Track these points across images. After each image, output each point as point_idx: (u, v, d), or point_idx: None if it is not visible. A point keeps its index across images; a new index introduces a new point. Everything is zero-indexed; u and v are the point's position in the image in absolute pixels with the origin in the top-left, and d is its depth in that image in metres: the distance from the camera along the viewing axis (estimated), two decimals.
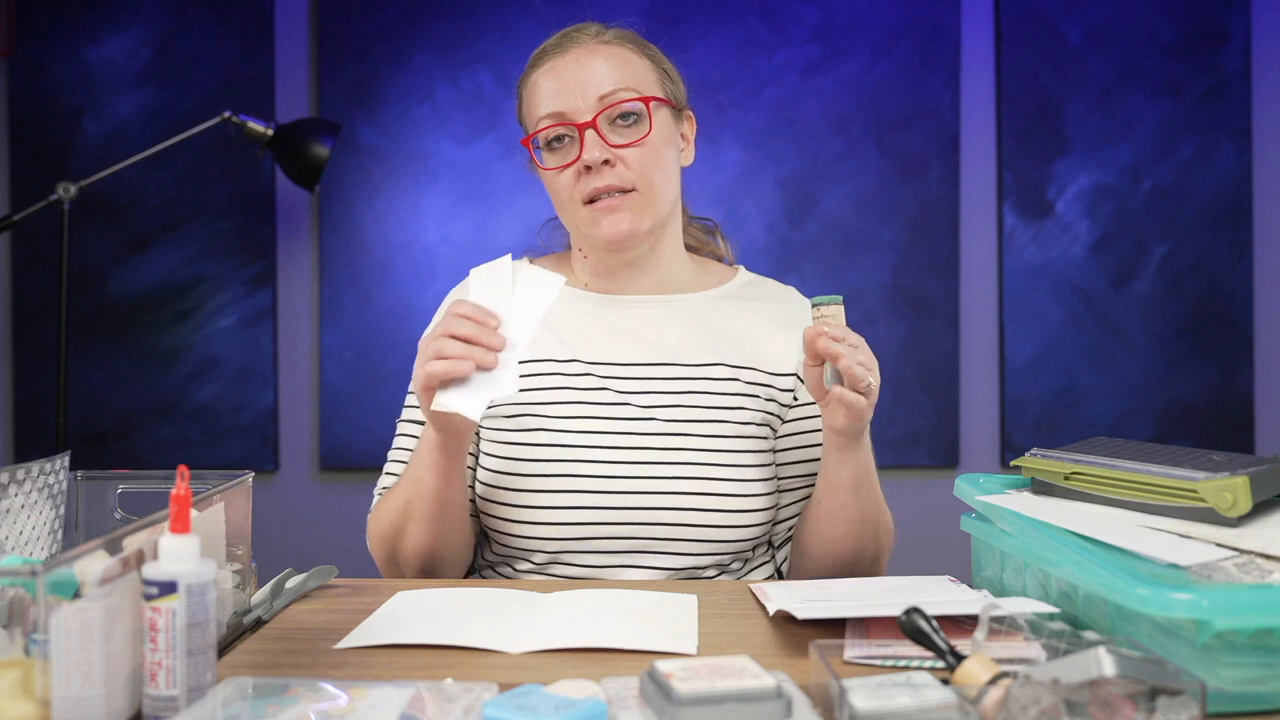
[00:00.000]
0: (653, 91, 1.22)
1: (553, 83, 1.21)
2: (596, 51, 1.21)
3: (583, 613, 0.96)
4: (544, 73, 1.23)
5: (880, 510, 1.21)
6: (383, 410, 1.21)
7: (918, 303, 2.69)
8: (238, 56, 2.64)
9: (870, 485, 1.18)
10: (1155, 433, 2.69)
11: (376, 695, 0.72)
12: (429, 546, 1.18)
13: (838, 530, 1.18)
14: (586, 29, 1.24)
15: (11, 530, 0.92)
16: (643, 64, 1.24)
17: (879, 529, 1.21)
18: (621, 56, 1.22)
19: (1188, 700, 0.64)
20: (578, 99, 1.19)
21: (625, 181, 1.19)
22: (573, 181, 1.21)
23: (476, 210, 2.65)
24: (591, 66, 1.20)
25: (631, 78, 1.21)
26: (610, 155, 1.19)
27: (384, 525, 1.20)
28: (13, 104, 2.63)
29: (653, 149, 1.21)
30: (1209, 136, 2.69)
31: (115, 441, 2.63)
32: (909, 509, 2.63)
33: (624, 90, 1.19)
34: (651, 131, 1.20)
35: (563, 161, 1.21)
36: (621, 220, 1.20)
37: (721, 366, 1.25)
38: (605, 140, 1.19)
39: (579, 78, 1.20)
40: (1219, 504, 0.90)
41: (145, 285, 2.64)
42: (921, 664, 0.80)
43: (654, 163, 1.21)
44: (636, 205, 1.21)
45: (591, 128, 1.18)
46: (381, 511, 1.21)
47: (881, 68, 2.68)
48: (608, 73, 1.20)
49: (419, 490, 1.15)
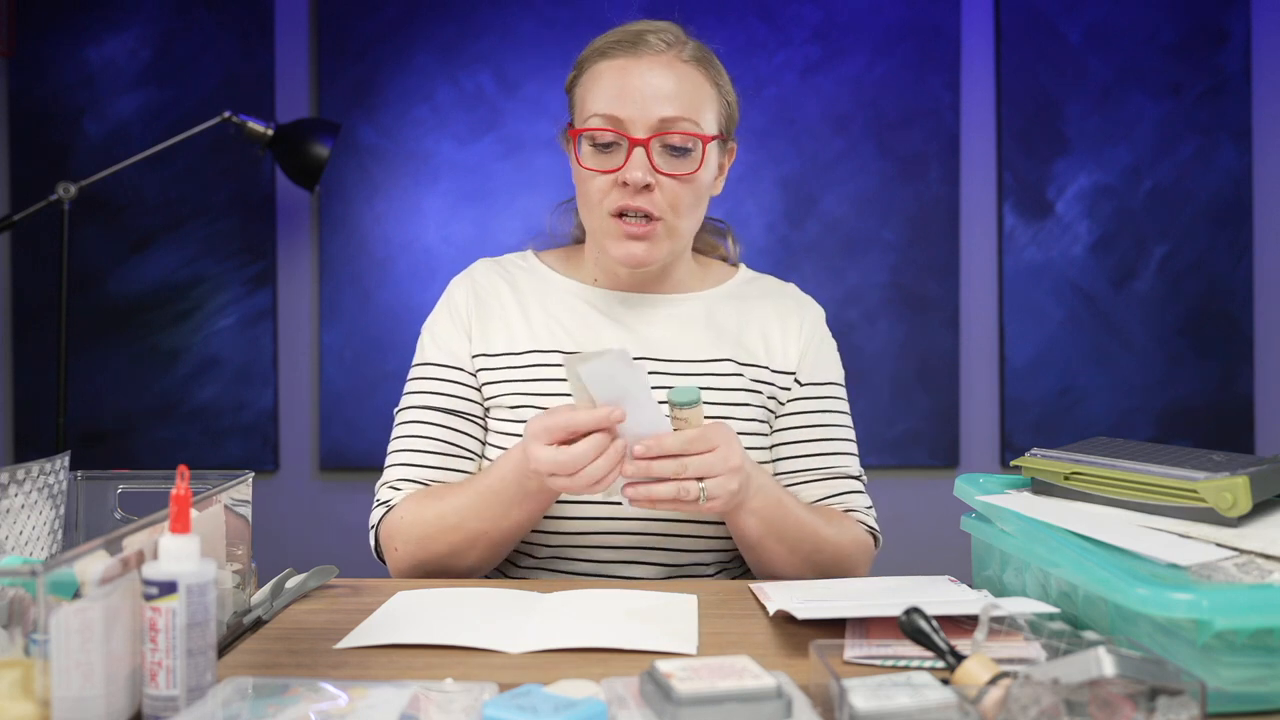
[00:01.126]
0: (711, 128, 1.20)
1: (619, 82, 1.18)
2: (673, 67, 1.18)
3: (583, 613, 0.96)
4: (613, 67, 1.19)
5: (818, 542, 1.16)
6: (383, 410, 1.21)
7: (918, 303, 2.69)
8: (238, 56, 2.64)
9: (784, 529, 1.14)
10: (1155, 433, 2.69)
11: (376, 695, 0.72)
12: (489, 563, 1.17)
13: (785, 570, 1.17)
14: (665, 34, 1.20)
15: (11, 530, 0.92)
16: (710, 93, 1.21)
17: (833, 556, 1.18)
18: (694, 81, 1.19)
19: (1188, 700, 0.64)
20: (638, 111, 1.16)
21: (657, 209, 1.18)
22: (607, 189, 1.19)
23: (476, 210, 2.65)
24: (661, 82, 1.17)
25: (695, 107, 1.18)
26: (653, 179, 1.17)
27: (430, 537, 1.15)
28: (13, 104, 2.63)
29: (694, 187, 1.20)
30: (1209, 136, 2.69)
31: (115, 441, 2.63)
32: (909, 509, 2.64)
33: (685, 121, 1.17)
34: (699, 170, 1.19)
35: (604, 166, 1.18)
36: (638, 248, 1.20)
37: (726, 363, 1.26)
38: (653, 164, 1.17)
39: (646, 89, 1.16)
40: (1219, 504, 0.90)
41: (145, 285, 2.64)
42: (921, 664, 0.80)
43: (690, 200, 1.20)
44: (659, 236, 1.20)
45: (643, 146, 1.16)
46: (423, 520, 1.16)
47: (881, 68, 2.68)
48: (676, 96, 1.17)
49: (497, 525, 1.13)
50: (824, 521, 1.18)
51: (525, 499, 1.11)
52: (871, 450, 2.65)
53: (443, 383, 1.26)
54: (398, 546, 1.18)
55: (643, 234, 1.19)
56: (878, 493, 1.44)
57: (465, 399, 1.25)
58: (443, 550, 1.16)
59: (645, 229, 1.19)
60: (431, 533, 1.16)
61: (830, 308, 1.42)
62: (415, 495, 1.20)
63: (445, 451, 1.23)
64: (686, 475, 0.99)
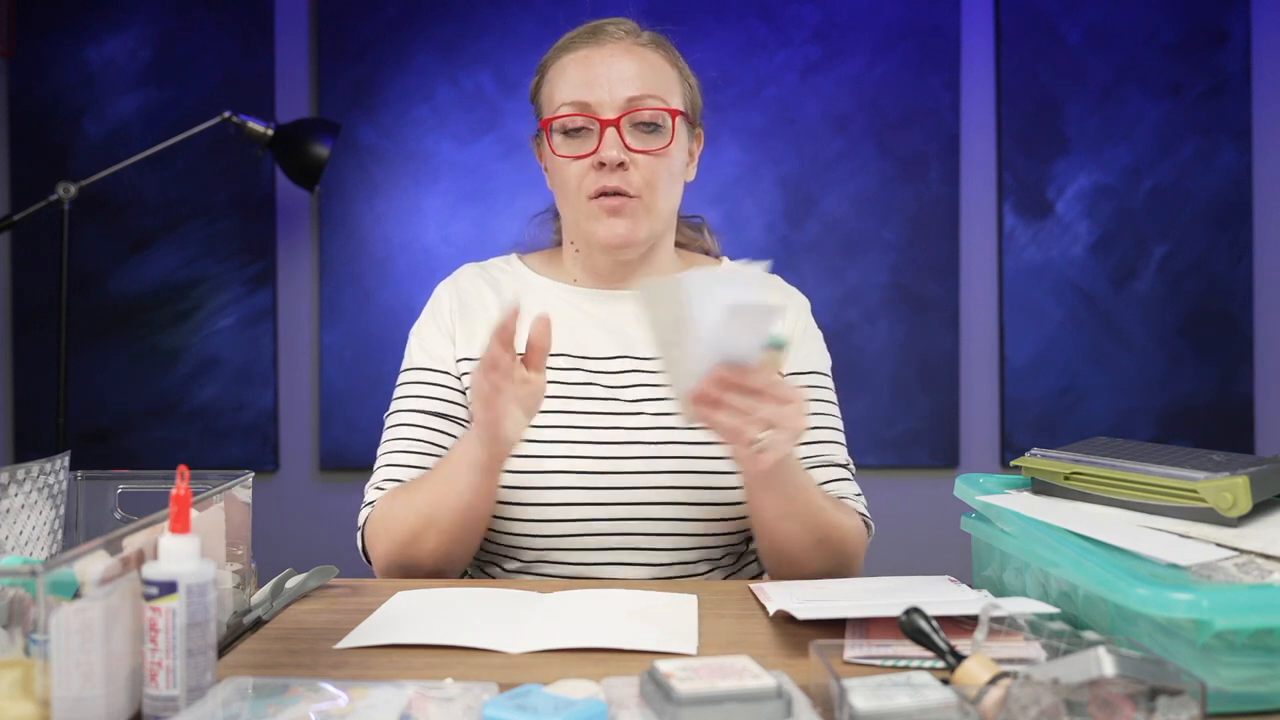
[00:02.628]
0: (677, 104, 1.23)
1: (583, 72, 1.21)
2: (632, 51, 1.22)
3: (582, 613, 0.96)
4: (575, 59, 1.22)
5: (829, 527, 1.16)
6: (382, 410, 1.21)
7: (918, 303, 2.69)
8: (238, 56, 2.64)
9: (800, 512, 1.13)
10: (1155, 433, 2.69)
11: (376, 695, 0.72)
12: (450, 553, 1.17)
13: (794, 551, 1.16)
14: (623, 24, 1.25)
15: (11, 530, 0.92)
16: (672, 74, 1.24)
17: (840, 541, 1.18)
18: (654, 62, 1.23)
19: (1188, 700, 0.64)
20: (605, 93, 1.19)
21: (634, 187, 1.20)
22: (583, 174, 1.21)
23: (476, 210, 2.65)
24: (624, 65, 1.21)
25: (660, 86, 1.22)
26: (626, 158, 1.19)
27: (398, 527, 1.16)
28: (13, 104, 2.63)
29: (667, 161, 1.22)
30: (1209, 136, 2.69)
31: (115, 441, 2.63)
32: (909, 509, 2.64)
33: (652, 98, 1.20)
34: (671, 144, 1.21)
35: (577, 152, 1.21)
36: (620, 225, 1.21)
37: None
38: (625, 142, 1.19)
39: (610, 73, 1.20)
40: (1219, 504, 0.90)
41: (145, 285, 2.64)
42: (921, 664, 0.80)
43: (665, 174, 1.22)
44: (638, 212, 1.21)
45: (614, 126, 1.19)
46: (393, 513, 1.18)
47: (881, 68, 2.68)
48: (639, 75, 1.20)
49: (450, 502, 1.13)
50: (832, 506, 1.19)
51: (474, 473, 1.10)
52: (871, 450, 2.65)
53: (429, 386, 1.26)
54: (378, 544, 1.19)
55: (621, 208, 1.20)
56: (878, 492, 1.44)
57: (451, 402, 1.26)
58: (404, 537, 1.15)
59: (622, 204, 1.20)
60: (396, 521, 1.16)
61: (830, 308, 1.43)
62: (391, 491, 1.21)
63: (430, 453, 1.23)
64: (757, 416, 0.94)
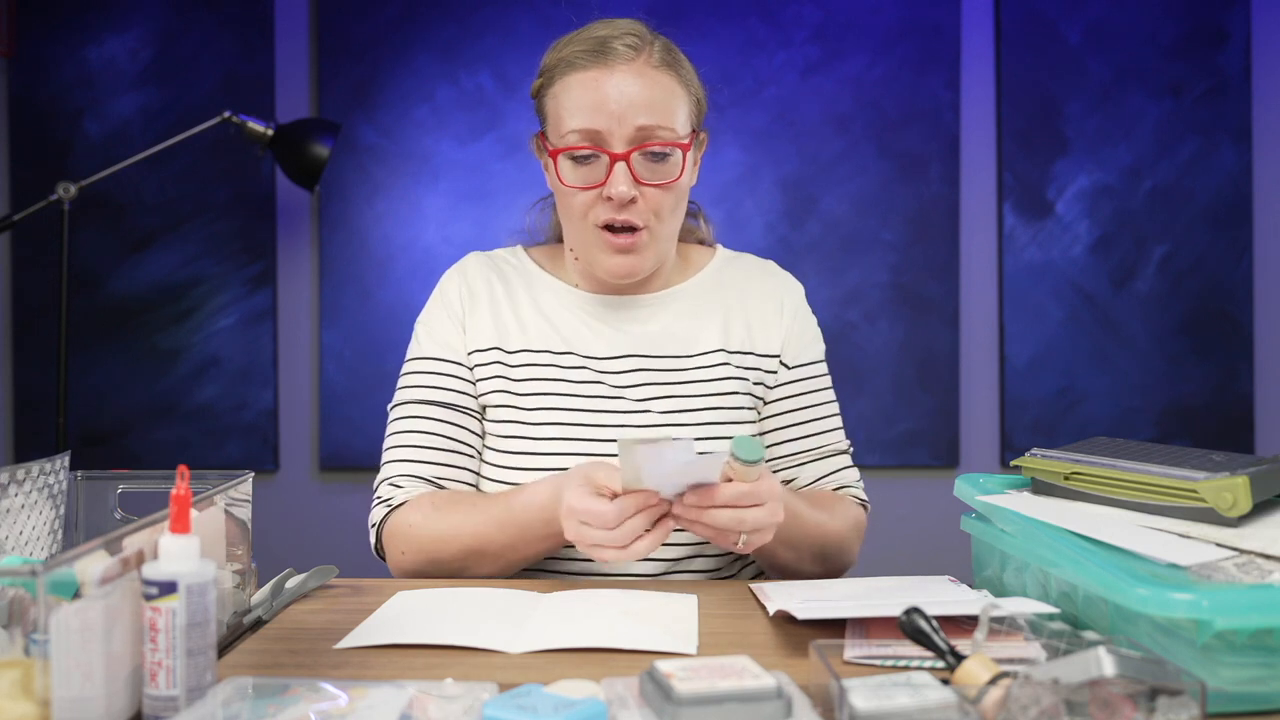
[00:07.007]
0: (687, 128, 1.21)
1: (592, 95, 1.16)
2: (643, 75, 1.17)
3: (583, 613, 0.96)
4: (584, 80, 1.17)
5: (825, 539, 1.20)
6: (383, 410, 1.21)
7: (918, 302, 2.69)
8: (238, 56, 2.64)
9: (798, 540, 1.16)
10: (1155, 433, 2.69)
11: (376, 695, 0.72)
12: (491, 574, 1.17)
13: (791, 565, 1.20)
14: (631, 37, 1.19)
15: (11, 530, 0.92)
16: (682, 95, 1.20)
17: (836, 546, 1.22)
18: (666, 88, 1.18)
19: (1188, 700, 0.64)
20: (615, 123, 1.15)
21: (641, 218, 1.19)
22: (591, 203, 1.19)
23: (476, 210, 2.65)
24: (634, 91, 1.16)
25: (672, 115, 1.18)
26: (636, 192, 1.17)
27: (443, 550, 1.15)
28: (13, 104, 2.63)
29: (675, 193, 1.21)
30: (1209, 137, 2.69)
31: (115, 441, 2.63)
32: (909, 509, 2.64)
33: (663, 130, 1.17)
34: (680, 176, 1.19)
35: (585, 181, 1.18)
36: (627, 261, 1.21)
37: (714, 354, 1.27)
38: (635, 176, 1.17)
39: (621, 99, 1.16)
40: (1219, 504, 0.90)
41: (145, 285, 2.64)
42: (921, 664, 0.80)
43: (672, 205, 1.21)
44: (644, 244, 1.21)
45: (624, 161, 1.16)
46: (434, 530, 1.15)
47: (881, 68, 2.68)
48: (651, 104, 1.16)
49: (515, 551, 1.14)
50: (827, 516, 1.20)
51: (548, 536, 1.11)
52: (871, 450, 2.65)
53: (439, 376, 1.25)
54: (405, 551, 1.18)
55: (630, 245, 1.20)
56: (878, 492, 1.44)
57: (463, 393, 1.25)
58: (451, 563, 1.16)
59: (632, 240, 1.19)
60: (443, 545, 1.15)
61: (830, 308, 1.43)
62: (425, 500, 1.18)
63: (445, 447, 1.23)
64: (732, 527, 1.00)
